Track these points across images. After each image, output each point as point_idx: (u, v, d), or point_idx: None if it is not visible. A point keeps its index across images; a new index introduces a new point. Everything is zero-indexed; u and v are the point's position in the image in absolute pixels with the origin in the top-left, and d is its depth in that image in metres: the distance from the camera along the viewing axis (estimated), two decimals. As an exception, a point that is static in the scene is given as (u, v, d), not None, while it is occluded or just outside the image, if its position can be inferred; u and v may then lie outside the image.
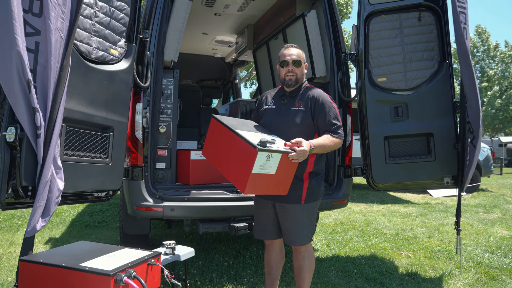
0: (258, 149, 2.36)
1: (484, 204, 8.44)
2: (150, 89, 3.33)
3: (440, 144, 3.64)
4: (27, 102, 2.05)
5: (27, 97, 2.04)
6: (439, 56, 3.70)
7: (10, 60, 1.98)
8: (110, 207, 6.83)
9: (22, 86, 2.02)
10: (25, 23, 2.11)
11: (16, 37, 1.97)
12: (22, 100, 2.03)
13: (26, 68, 2.01)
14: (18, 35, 1.99)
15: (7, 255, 4.24)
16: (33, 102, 2.05)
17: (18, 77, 2.00)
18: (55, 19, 2.17)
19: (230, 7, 5.12)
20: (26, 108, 2.05)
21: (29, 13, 2.13)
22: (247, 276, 3.73)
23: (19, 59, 1.99)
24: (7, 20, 1.96)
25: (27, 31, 2.12)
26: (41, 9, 2.14)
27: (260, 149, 2.36)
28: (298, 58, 2.85)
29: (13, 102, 2.03)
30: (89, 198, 2.87)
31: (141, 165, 3.26)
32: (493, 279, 3.83)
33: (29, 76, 2.03)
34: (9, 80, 2.00)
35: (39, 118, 2.08)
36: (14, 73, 1.99)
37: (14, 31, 1.97)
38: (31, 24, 2.13)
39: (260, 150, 2.36)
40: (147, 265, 2.09)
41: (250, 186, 2.46)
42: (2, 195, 2.13)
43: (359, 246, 4.95)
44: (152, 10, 3.34)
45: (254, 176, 2.43)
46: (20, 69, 2.00)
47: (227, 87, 8.21)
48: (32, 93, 2.04)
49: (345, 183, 3.82)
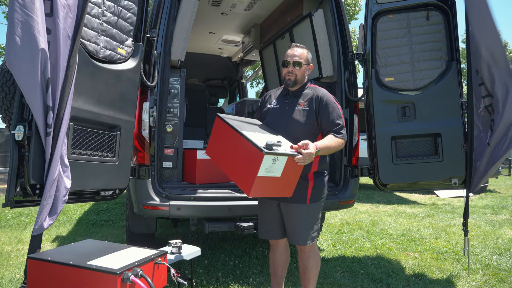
0: (264, 152, 2.31)
1: (492, 205, 8.37)
2: (157, 88, 3.33)
3: (448, 144, 3.61)
4: (44, 100, 2.07)
5: (44, 95, 2.07)
6: (447, 55, 3.67)
7: (37, 58, 2.00)
8: (116, 206, 6.87)
9: (42, 84, 2.05)
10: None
11: (40, 35, 2.00)
12: (39, 98, 2.06)
13: (48, 67, 2.04)
14: (42, 34, 2.01)
15: (15, 253, 4.28)
16: (48, 100, 2.08)
17: (40, 75, 2.03)
18: (64, 18, 2.19)
19: (237, 7, 5.12)
20: (43, 106, 2.07)
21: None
22: (253, 276, 3.73)
23: (44, 57, 2.02)
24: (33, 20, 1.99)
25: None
26: (51, 9, 2.16)
27: (267, 152, 2.31)
28: (299, 59, 2.84)
29: (32, 100, 2.05)
30: (96, 196, 2.89)
31: (148, 164, 3.27)
32: (502, 281, 3.79)
33: (49, 74, 2.06)
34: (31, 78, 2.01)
35: (51, 117, 2.10)
36: (37, 71, 2.01)
37: (40, 30, 2.00)
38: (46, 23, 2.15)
39: (266, 154, 2.31)
40: (153, 264, 2.09)
41: (256, 189, 2.41)
42: (11, 193, 2.16)
43: (365, 247, 4.93)
44: (160, 9, 3.35)
45: (259, 179, 2.38)
46: (43, 67, 2.03)
47: (233, 86, 8.22)
48: (49, 91, 2.08)
49: (351, 183, 3.81)
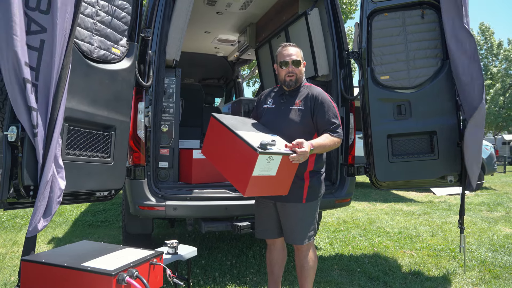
0: (258, 152, 2.32)
1: (488, 202, 8.40)
2: (152, 88, 3.32)
3: (443, 142, 3.61)
4: (25, 101, 2.05)
5: (24, 96, 2.04)
6: (442, 54, 3.67)
7: (8, 60, 1.99)
8: (112, 207, 6.84)
9: (20, 85, 2.03)
10: (31, 21, 2.11)
11: (13, 37, 1.98)
12: (20, 99, 2.04)
13: (22, 67, 2.02)
14: (16, 35, 1.99)
15: (10, 255, 4.25)
16: (29, 101, 2.05)
17: (15, 76, 2.01)
18: (61, 17, 2.16)
19: (232, 6, 5.10)
20: (24, 107, 2.05)
21: (36, 10, 2.12)
22: (250, 275, 3.72)
23: (15, 59, 2.00)
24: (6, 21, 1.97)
25: (32, 29, 2.11)
26: (49, 6, 2.13)
27: (261, 152, 2.32)
28: (298, 58, 2.83)
29: (13, 101, 2.05)
30: (91, 197, 2.87)
31: (144, 164, 3.26)
32: (497, 277, 3.81)
33: (25, 75, 2.03)
34: (8, 80, 2.02)
35: (35, 117, 2.07)
36: (12, 72, 2.01)
37: (12, 31, 1.98)
38: (37, 21, 2.12)
39: (260, 153, 2.32)
40: (149, 264, 2.08)
41: (251, 188, 2.43)
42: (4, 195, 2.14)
43: (362, 245, 4.93)
44: (154, 8, 3.33)
45: (254, 179, 2.39)
46: (17, 68, 2.01)
47: (229, 86, 8.20)
48: (27, 91, 2.05)
49: (348, 181, 3.81)
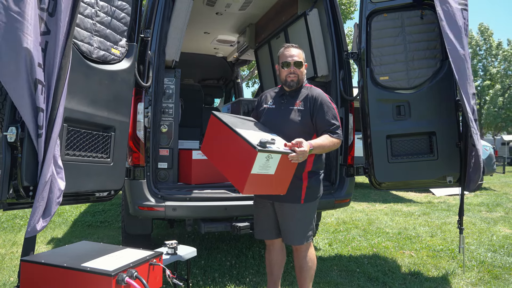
0: (258, 150, 2.32)
1: (487, 202, 8.41)
2: (152, 88, 3.32)
3: (443, 142, 3.62)
4: (33, 101, 2.04)
5: (33, 97, 2.04)
6: (441, 54, 3.68)
7: (19, 58, 1.96)
8: (112, 207, 6.84)
9: (29, 85, 2.01)
10: (42, 22, 2.11)
11: (26, 36, 1.97)
12: (27, 99, 2.02)
13: (35, 68, 2.01)
14: (29, 34, 1.98)
15: (10, 255, 4.25)
16: (38, 101, 2.05)
17: (26, 75, 1.99)
18: (64, 20, 2.17)
19: (231, 6, 5.11)
20: (31, 107, 2.05)
21: (46, 12, 2.13)
22: (249, 276, 3.72)
23: (28, 58, 1.99)
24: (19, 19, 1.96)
25: (42, 30, 2.11)
26: (54, 9, 2.14)
27: (260, 149, 2.33)
28: (299, 59, 2.84)
29: (19, 101, 2.01)
30: (91, 198, 2.87)
31: (143, 164, 3.26)
32: (496, 278, 3.81)
33: (37, 75, 2.03)
34: (15, 78, 1.98)
35: (42, 118, 2.08)
36: (23, 72, 1.98)
37: (25, 30, 1.97)
38: (47, 23, 2.13)
39: (259, 151, 2.33)
40: (149, 265, 2.08)
41: (249, 186, 2.43)
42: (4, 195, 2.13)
43: (361, 245, 4.94)
44: (154, 9, 3.34)
45: (253, 177, 2.40)
46: (29, 68, 1.99)
47: (229, 86, 8.20)
48: (38, 92, 2.04)
49: (347, 182, 3.81)
